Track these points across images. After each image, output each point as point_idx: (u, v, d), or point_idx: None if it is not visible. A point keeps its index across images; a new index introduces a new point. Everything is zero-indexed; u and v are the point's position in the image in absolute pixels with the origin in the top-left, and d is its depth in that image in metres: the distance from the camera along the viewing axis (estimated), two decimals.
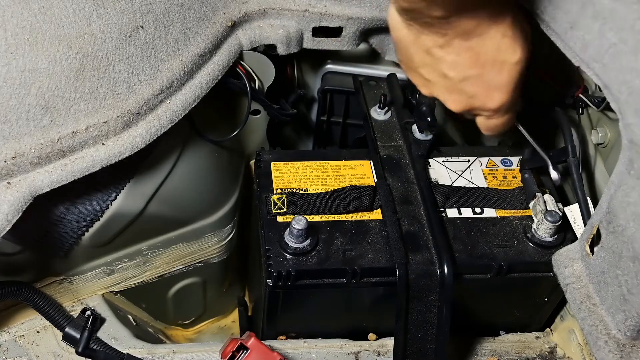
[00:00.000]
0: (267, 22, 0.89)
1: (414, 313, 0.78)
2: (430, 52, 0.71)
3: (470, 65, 0.70)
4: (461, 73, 0.71)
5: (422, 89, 0.77)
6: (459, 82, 0.72)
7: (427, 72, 0.74)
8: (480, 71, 0.71)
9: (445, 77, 0.73)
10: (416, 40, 0.71)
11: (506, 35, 0.69)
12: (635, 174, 0.59)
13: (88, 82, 0.70)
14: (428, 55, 0.72)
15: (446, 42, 0.69)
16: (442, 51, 0.70)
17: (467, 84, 0.72)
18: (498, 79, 0.71)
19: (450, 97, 0.75)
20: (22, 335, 0.84)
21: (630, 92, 0.59)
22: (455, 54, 0.70)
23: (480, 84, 0.72)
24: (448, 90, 0.74)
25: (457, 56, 0.70)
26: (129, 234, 0.86)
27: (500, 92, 0.72)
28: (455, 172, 0.89)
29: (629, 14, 0.59)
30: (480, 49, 0.69)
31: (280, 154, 0.90)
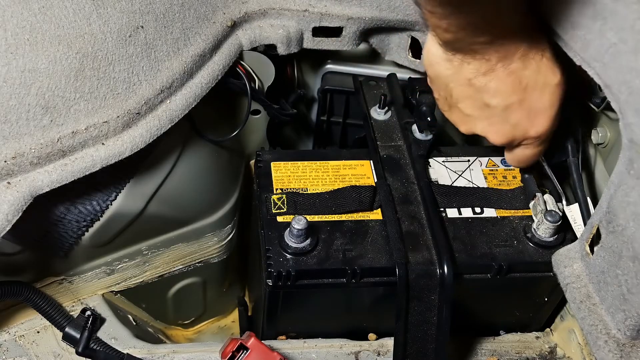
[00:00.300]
0: (267, 22, 0.89)
1: (414, 313, 0.78)
2: (471, 83, 0.71)
3: (513, 90, 0.71)
4: (504, 100, 0.71)
5: (462, 125, 0.78)
6: (501, 110, 0.72)
7: (468, 105, 0.74)
8: (522, 96, 0.71)
9: (487, 107, 0.73)
10: (457, 73, 0.72)
11: (545, 56, 0.70)
12: (635, 173, 0.59)
13: (88, 82, 0.70)
14: (469, 86, 0.72)
15: (489, 68, 0.70)
16: (485, 78, 0.70)
17: (510, 112, 0.72)
18: (540, 103, 0.72)
19: (493, 128, 0.75)
20: (22, 335, 0.84)
21: (630, 91, 0.59)
22: (497, 79, 0.70)
23: (523, 110, 0.72)
24: (490, 121, 0.74)
25: (499, 82, 0.70)
26: (129, 234, 0.86)
27: (543, 118, 0.73)
28: (455, 172, 0.89)
29: (629, 14, 0.59)
30: (522, 73, 0.70)
31: (280, 154, 0.90)
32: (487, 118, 0.74)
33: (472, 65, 0.70)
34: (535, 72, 0.70)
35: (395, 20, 0.91)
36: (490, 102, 0.72)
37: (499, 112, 0.73)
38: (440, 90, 0.76)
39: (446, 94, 0.76)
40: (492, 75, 0.70)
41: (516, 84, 0.70)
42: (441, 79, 0.74)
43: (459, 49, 0.69)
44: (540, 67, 0.70)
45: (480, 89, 0.72)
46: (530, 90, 0.71)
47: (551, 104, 0.73)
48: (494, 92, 0.71)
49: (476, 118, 0.75)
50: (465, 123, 0.77)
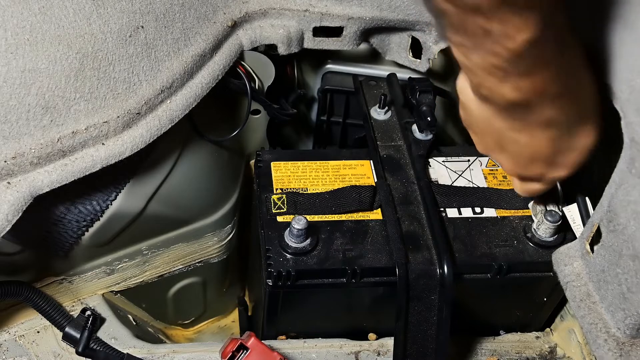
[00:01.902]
0: (268, 22, 0.89)
1: (414, 313, 0.78)
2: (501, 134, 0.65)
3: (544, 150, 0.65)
4: (531, 154, 0.66)
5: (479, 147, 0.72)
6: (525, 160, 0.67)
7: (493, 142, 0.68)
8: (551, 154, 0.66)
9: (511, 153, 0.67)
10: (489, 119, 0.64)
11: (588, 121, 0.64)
12: (636, 172, 0.59)
13: (88, 82, 0.70)
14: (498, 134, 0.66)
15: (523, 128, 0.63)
16: (517, 134, 0.64)
17: (534, 164, 0.68)
18: (566, 160, 0.67)
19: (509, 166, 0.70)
20: (22, 335, 0.84)
21: (631, 90, 0.59)
22: (530, 137, 0.64)
23: (547, 164, 0.68)
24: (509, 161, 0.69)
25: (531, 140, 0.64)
26: (129, 234, 0.86)
27: (564, 170, 0.68)
28: (455, 172, 0.89)
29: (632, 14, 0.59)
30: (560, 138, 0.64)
31: (280, 153, 0.90)
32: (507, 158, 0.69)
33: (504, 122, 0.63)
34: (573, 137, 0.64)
35: (395, 20, 0.91)
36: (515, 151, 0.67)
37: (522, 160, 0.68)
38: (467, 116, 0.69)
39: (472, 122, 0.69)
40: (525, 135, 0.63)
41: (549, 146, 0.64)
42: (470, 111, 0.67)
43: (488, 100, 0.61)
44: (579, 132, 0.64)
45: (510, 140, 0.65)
46: (561, 152, 0.66)
47: (577, 162, 0.67)
48: (522, 146, 0.65)
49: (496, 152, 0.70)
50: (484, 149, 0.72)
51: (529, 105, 0.59)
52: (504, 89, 0.57)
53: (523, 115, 0.61)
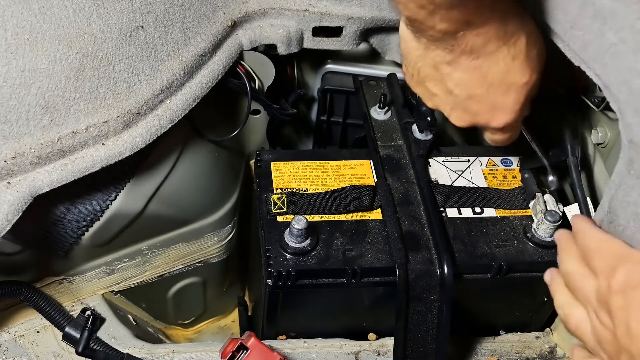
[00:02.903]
0: (268, 22, 0.89)
1: (414, 313, 0.78)
2: (437, 67, 0.70)
3: (476, 84, 0.69)
4: (466, 91, 0.70)
5: (427, 102, 0.76)
6: (464, 99, 0.71)
7: (433, 86, 0.73)
8: (485, 91, 0.70)
9: (450, 93, 0.72)
10: (424, 54, 0.70)
11: (517, 58, 0.67)
12: (635, 173, 0.59)
13: (88, 82, 0.70)
14: (435, 70, 0.71)
15: (453, 58, 0.68)
16: (449, 67, 0.69)
17: (472, 102, 0.71)
18: (503, 100, 0.70)
19: (454, 113, 0.74)
20: (22, 335, 0.84)
21: (630, 91, 0.59)
22: (461, 71, 0.69)
23: (485, 103, 0.71)
24: (452, 106, 0.73)
25: (463, 74, 0.69)
26: (129, 234, 0.86)
27: (504, 113, 0.72)
28: (455, 172, 0.89)
29: (628, 14, 0.59)
30: (488, 70, 0.68)
31: (280, 153, 0.90)
32: (450, 103, 0.73)
33: (436, 52, 0.68)
34: (503, 71, 0.68)
35: (395, 20, 0.91)
36: (453, 89, 0.71)
37: (461, 100, 0.72)
38: (409, 66, 0.74)
39: (414, 70, 0.74)
40: (456, 66, 0.68)
41: (480, 78, 0.69)
42: (410, 55, 0.72)
43: (421, 32, 0.67)
44: (510, 67, 0.68)
45: (444, 76, 0.70)
46: (495, 87, 0.69)
47: (515, 102, 0.71)
48: (456, 82, 0.70)
49: (441, 99, 0.74)
50: (431, 100, 0.76)
51: (455, 34, 0.64)
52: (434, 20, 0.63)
53: (451, 45, 0.66)
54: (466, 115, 0.73)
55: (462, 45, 0.66)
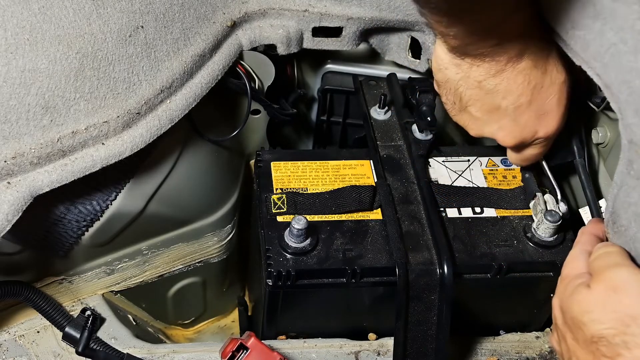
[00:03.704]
0: (267, 22, 0.89)
1: (414, 313, 0.78)
2: (481, 85, 0.72)
3: (523, 90, 0.71)
4: (514, 101, 0.72)
5: (472, 129, 0.78)
6: (511, 111, 0.73)
7: (478, 108, 0.75)
8: (531, 97, 0.72)
9: (497, 109, 0.73)
10: (466, 76, 0.72)
11: (550, 56, 0.71)
12: (635, 174, 0.59)
13: (88, 82, 0.70)
14: (479, 89, 0.72)
15: (499, 69, 0.70)
16: (495, 80, 0.71)
17: (520, 113, 0.73)
18: (548, 102, 0.73)
19: (503, 131, 0.75)
20: (22, 335, 0.84)
21: (630, 92, 0.59)
22: (507, 80, 0.71)
23: (532, 110, 0.73)
24: (500, 124, 0.75)
25: (509, 83, 0.71)
26: (129, 234, 0.86)
27: (551, 117, 0.74)
28: (455, 172, 0.89)
29: (629, 14, 0.59)
30: (531, 72, 0.70)
31: (280, 153, 0.90)
32: (497, 120, 0.75)
33: (481, 67, 0.71)
34: (542, 71, 0.71)
35: (395, 20, 0.91)
36: (500, 103, 0.73)
37: (509, 114, 0.74)
38: (449, 94, 0.76)
39: (455, 98, 0.76)
40: (501, 76, 0.71)
41: (525, 84, 0.71)
42: (450, 83, 0.74)
43: (467, 53, 0.70)
44: (546, 66, 0.71)
45: (490, 91, 0.72)
46: (538, 90, 0.72)
47: (558, 103, 0.73)
48: (504, 93, 0.72)
49: (486, 121, 0.76)
50: (475, 126, 0.78)
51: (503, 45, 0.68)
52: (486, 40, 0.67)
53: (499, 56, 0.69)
54: (515, 129, 0.75)
55: (508, 52, 0.69)
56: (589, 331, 0.55)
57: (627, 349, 0.52)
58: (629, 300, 0.54)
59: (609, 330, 0.54)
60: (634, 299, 0.54)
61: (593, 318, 0.55)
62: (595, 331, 0.55)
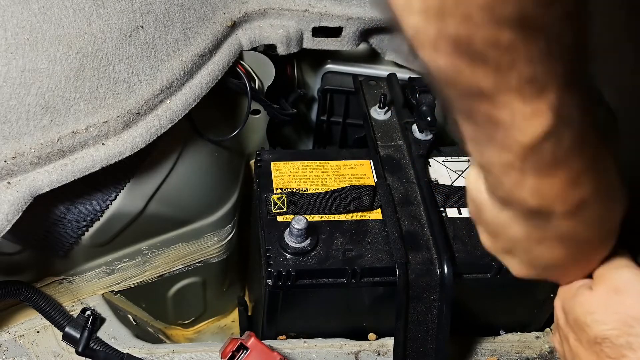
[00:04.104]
0: (267, 22, 0.89)
1: (414, 313, 0.78)
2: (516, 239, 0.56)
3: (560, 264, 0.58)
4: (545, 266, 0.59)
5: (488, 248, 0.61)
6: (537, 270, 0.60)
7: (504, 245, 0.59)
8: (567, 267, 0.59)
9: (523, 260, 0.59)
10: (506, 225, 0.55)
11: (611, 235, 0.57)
12: None
13: (88, 82, 0.70)
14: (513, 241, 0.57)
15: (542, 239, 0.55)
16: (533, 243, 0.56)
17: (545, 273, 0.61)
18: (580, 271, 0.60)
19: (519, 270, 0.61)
20: (22, 335, 0.84)
21: None
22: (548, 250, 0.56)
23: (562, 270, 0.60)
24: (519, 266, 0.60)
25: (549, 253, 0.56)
26: (129, 234, 0.86)
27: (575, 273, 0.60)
28: (456, 172, 0.89)
29: None
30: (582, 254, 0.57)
31: (280, 153, 0.90)
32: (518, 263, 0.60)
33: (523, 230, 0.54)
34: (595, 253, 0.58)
35: None
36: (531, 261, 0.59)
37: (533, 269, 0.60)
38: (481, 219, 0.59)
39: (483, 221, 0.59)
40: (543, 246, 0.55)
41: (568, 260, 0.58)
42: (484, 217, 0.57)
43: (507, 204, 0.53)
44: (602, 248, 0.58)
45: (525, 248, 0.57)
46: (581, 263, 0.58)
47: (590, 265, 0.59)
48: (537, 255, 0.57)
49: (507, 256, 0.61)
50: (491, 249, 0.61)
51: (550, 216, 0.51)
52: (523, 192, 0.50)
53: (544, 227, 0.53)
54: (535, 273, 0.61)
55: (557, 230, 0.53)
56: (592, 332, 0.55)
57: (632, 350, 0.52)
58: (631, 302, 0.54)
59: (612, 331, 0.53)
60: (636, 300, 0.54)
61: (596, 319, 0.55)
62: (599, 332, 0.54)
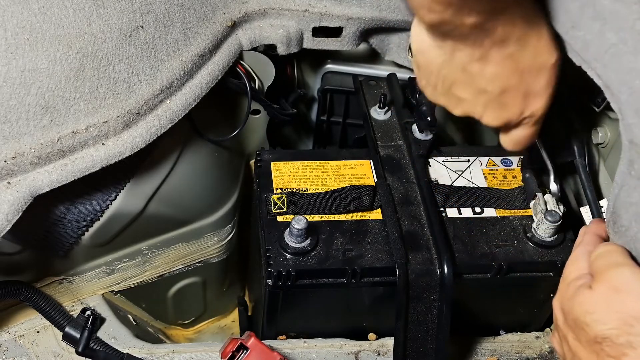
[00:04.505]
0: (267, 22, 0.89)
1: (414, 313, 0.78)
2: (465, 69, 0.67)
3: (510, 75, 0.67)
4: (501, 84, 0.68)
5: (455, 109, 0.73)
6: (498, 95, 0.69)
7: (462, 90, 0.70)
8: (519, 80, 0.67)
9: (483, 92, 0.69)
10: (449, 59, 0.66)
11: (542, 37, 0.66)
12: (636, 174, 0.59)
13: (88, 82, 0.70)
14: (463, 72, 0.67)
15: (484, 53, 0.65)
16: (480, 64, 0.66)
17: (507, 95, 0.69)
18: (537, 84, 0.68)
19: (488, 112, 0.71)
20: (22, 335, 0.84)
21: (630, 92, 0.59)
22: (493, 64, 0.66)
23: (519, 92, 0.69)
24: (486, 105, 0.70)
25: (495, 67, 0.66)
26: (129, 234, 0.86)
27: (539, 98, 0.69)
28: (455, 172, 0.89)
29: (628, 15, 0.59)
30: (519, 56, 0.65)
31: (280, 153, 0.90)
32: (483, 102, 0.70)
33: (464, 52, 0.65)
34: (532, 54, 0.66)
35: (395, 20, 0.91)
36: (486, 87, 0.68)
37: (495, 97, 0.69)
38: (431, 76, 0.71)
39: (437, 80, 0.70)
40: (487, 60, 0.65)
41: (513, 68, 0.66)
42: (432, 65, 0.68)
43: (447, 34, 0.63)
44: (537, 48, 0.66)
45: (475, 75, 0.67)
46: (527, 73, 0.67)
47: (547, 84, 0.69)
48: (490, 78, 0.67)
49: (471, 102, 0.71)
50: (459, 106, 0.72)
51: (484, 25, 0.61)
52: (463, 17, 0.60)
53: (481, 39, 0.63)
54: (501, 111, 0.71)
55: (492, 37, 0.63)
56: (592, 332, 0.55)
57: (632, 348, 0.53)
58: (631, 301, 0.54)
59: (612, 330, 0.54)
60: (636, 299, 0.54)
61: (596, 319, 0.55)
62: (599, 332, 0.55)
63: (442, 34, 0.64)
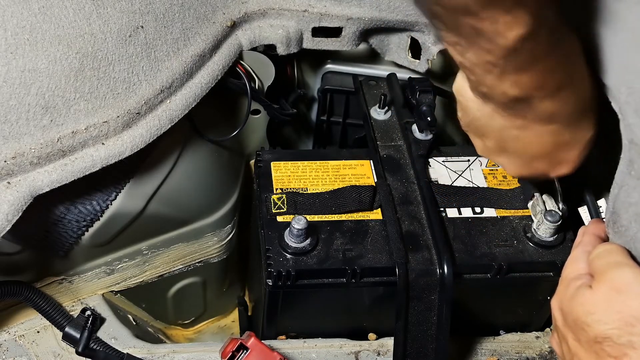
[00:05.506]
0: (267, 22, 0.89)
1: (414, 313, 0.78)
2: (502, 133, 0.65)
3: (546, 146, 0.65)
4: (534, 152, 0.67)
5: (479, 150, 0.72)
6: (528, 159, 0.68)
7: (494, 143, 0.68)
8: (554, 151, 0.66)
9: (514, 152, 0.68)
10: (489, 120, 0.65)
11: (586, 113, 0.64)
12: (636, 174, 0.59)
13: (88, 82, 0.70)
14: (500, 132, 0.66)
15: (525, 124, 0.63)
16: (518, 132, 0.64)
17: (537, 161, 0.68)
18: (570, 155, 0.68)
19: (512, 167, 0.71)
20: (22, 335, 0.84)
21: (630, 92, 0.59)
22: (532, 136, 0.64)
23: (551, 161, 0.68)
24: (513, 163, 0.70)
25: (534, 138, 0.64)
26: (129, 234, 0.86)
27: (568, 165, 0.69)
28: (455, 172, 0.89)
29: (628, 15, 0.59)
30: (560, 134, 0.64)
31: (280, 153, 0.90)
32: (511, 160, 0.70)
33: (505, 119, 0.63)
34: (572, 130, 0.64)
35: (395, 20, 0.91)
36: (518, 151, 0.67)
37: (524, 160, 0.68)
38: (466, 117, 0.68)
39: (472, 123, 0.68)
40: (526, 130, 0.63)
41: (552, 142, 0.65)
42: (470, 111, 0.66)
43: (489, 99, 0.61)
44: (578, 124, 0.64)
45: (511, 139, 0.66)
46: (564, 146, 0.66)
47: (579, 155, 0.68)
48: (524, 145, 0.66)
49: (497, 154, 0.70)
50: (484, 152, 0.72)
51: (530, 101, 0.60)
52: (504, 86, 0.58)
53: (524, 112, 0.62)
54: (526, 170, 0.70)
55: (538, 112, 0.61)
56: (593, 332, 0.55)
57: (633, 349, 0.53)
58: (632, 301, 0.54)
59: (613, 330, 0.54)
60: (637, 299, 0.54)
61: (597, 319, 0.55)
62: (600, 332, 0.55)
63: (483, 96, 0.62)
